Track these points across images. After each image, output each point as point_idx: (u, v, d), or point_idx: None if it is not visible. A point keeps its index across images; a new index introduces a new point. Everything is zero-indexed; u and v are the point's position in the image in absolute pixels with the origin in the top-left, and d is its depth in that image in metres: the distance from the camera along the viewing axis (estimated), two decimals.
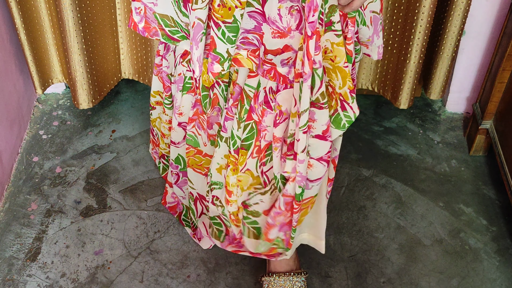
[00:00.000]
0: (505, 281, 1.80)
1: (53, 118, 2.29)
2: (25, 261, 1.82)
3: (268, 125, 1.44)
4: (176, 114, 1.66)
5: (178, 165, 1.78)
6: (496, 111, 2.05)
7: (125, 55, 2.24)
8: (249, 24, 1.32)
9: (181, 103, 1.64)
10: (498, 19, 2.06)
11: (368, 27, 1.37)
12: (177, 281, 1.78)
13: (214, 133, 1.64)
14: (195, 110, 1.61)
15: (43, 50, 2.18)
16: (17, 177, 2.07)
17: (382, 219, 1.96)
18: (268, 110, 1.43)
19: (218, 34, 1.33)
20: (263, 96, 1.42)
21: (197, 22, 1.31)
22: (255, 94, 1.43)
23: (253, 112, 1.45)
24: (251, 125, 1.47)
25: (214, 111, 1.60)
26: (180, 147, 1.74)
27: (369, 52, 1.46)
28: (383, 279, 1.80)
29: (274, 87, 1.40)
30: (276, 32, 1.28)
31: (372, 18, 1.37)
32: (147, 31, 1.46)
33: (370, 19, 1.36)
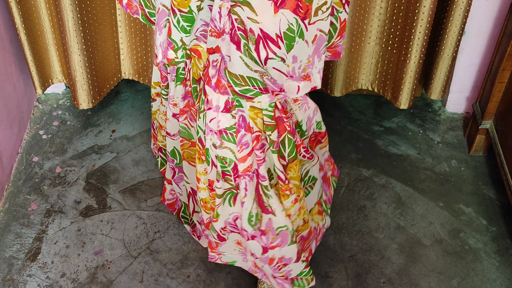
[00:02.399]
0: (505, 281, 1.80)
1: (53, 118, 2.29)
2: (25, 261, 1.82)
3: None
4: (171, 104, 1.66)
5: (174, 159, 1.78)
6: (496, 111, 2.05)
7: (125, 55, 2.24)
8: (208, 17, 1.33)
9: (175, 93, 1.63)
10: (498, 19, 2.06)
11: (307, 44, 1.29)
12: (177, 281, 1.78)
13: None
14: (186, 101, 1.60)
15: (43, 50, 2.18)
16: (17, 177, 2.07)
17: (382, 219, 1.96)
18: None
19: (173, 21, 1.36)
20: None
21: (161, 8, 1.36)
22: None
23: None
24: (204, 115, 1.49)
25: None
26: (175, 139, 1.74)
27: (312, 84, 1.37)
28: (383, 279, 1.80)
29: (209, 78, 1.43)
30: (213, 30, 1.29)
31: (318, 37, 1.29)
32: (129, 8, 1.52)
33: (314, 37, 1.29)
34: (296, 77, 1.32)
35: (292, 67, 1.29)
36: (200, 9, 1.35)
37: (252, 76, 1.31)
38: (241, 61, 1.28)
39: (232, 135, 1.41)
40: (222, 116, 1.40)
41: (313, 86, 1.36)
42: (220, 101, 1.39)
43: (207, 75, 1.38)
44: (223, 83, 1.33)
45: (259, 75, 1.30)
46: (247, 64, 1.28)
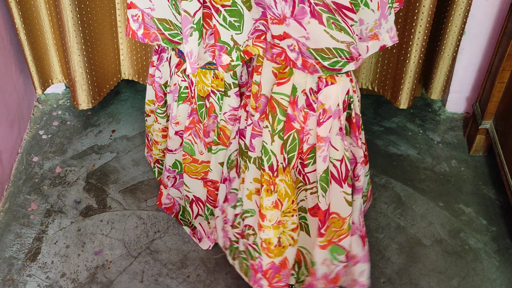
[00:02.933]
0: (505, 281, 1.80)
1: (53, 118, 2.29)
2: (25, 261, 1.82)
3: (311, 128, 1.38)
4: (173, 123, 1.66)
5: (176, 169, 1.79)
6: (496, 111, 2.05)
7: (125, 55, 2.24)
8: (257, 13, 1.29)
9: (177, 113, 1.64)
10: (498, 19, 2.06)
11: (373, 11, 1.28)
12: (177, 281, 1.78)
13: (211, 140, 1.64)
14: (191, 119, 1.61)
15: (43, 50, 2.18)
16: (17, 177, 2.07)
17: (382, 219, 1.96)
18: (311, 113, 1.37)
19: (219, 20, 1.28)
20: (303, 99, 1.36)
21: (183, 15, 1.27)
22: (291, 101, 1.37)
23: (293, 121, 1.38)
24: (292, 136, 1.40)
25: (210, 120, 1.60)
26: (177, 153, 1.75)
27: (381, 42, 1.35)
28: (383, 279, 1.80)
29: (314, 87, 1.35)
30: (273, 18, 1.26)
31: (380, 3, 1.28)
32: (147, 37, 1.43)
33: (377, 3, 1.27)
34: (364, 38, 1.31)
35: (360, 29, 1.28)
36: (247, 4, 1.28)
37: (338, 47, 1.27)
38: (326, 34, 1.24)
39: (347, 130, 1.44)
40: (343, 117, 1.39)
41: (382, 45, 1.33)
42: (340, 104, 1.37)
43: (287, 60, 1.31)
44: (310, 62, 1.28)
45: (345, 45, 1.27)
46: (333, 36, 1.25)
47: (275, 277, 1.55)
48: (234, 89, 1.55)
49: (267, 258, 1.52)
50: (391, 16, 1.32)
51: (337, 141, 1.39)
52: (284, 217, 1.48)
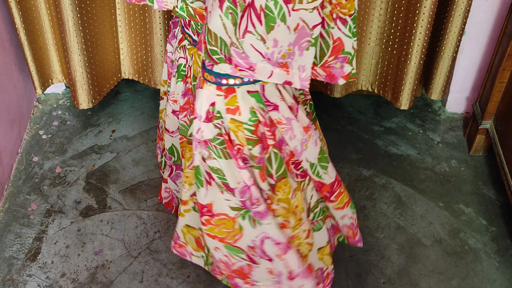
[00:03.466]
0: (505, 281, 1.80)
1: (53, 118, 2.29)
2: (25, 261, 1.82)
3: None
4: (171, 100, 1.64)
5: (172, 156, 1.75)
6: (496, 111, 2.05)
7: (125, 55, 2.24)
8: None
9: (175, 89, 1.61)
10: (498, 19, 2.06)
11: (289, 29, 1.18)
12: (177, 281, 1.78)
13: None
14: (186, 99, 1.57)
15: (43, 50, 2.18)
16: (17, 177, 2.07)
17: (382, 219, 1.96)
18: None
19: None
20: None
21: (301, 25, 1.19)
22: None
23: None
24: None
25: None
26: (174, 136, 1.71)
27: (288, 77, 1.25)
28: (383, 279, 1.80)
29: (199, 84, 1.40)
30: None
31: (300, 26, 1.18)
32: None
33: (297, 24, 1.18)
34: (273, 62, 1.22)
35: (272, 50, 1.20)
36: None
37: (223, 39, 1.21)
38: (220, 20, 1.20)
39: (216, 148, 1.35)
40: (205, 126, 1.34)
41: (287, 80, 1.24)
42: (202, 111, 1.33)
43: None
44: (201, 39, 1.25)
45: (230, 42, 1.21)
46: (225, 25, 1.19)
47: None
48: None
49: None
50: (308, 52, 1.21)
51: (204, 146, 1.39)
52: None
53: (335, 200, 1.58)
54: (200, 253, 1.63)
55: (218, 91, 1.32)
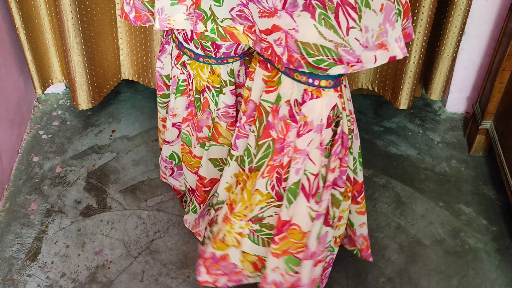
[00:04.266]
0: (505, 281, 1.80)
1: (53, 118, 2.29)
2: (25, 261, 1.82)
3: (292, 141, 1.36)
4: (170, 115, 1.67)
5: (173, 160, 1.80)
6: (496, 111, 2.05)
7: (125, 56, 2.24)
8: None
9: (175, 105, 1.65)
10: (498, 19, 2.06)
11: (375, 12, 1.23)
12: (177, 281, 1.78)
13: (204, 136, 1.64)
14: (189, 110, 1.62)
15: (43, 50, 2.18)
16: (17, 177, 2.07)
17: (382, 219, 1.96)
18: (293, 125, 1.35)
19: None
20: (286, 110, 1.35)
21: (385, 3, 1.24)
22: (274, 109, 1.36)
23: (271, 129, 1.37)
24: (267, 144, 1.39)
25: (204, 115, 1.60)
26: (174, 145, 1.76)
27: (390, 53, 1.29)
28: (383, 279, 1.80)
29: (299, 99, 1.33)
30: (262, 11, 1.25)
31: (384, 5, 1.23)
32: (139, 19, 1.46)
33: (381, 4, 1.23)
34: (371, 47, 1.25)
35: (365, 37, 1.23)
36: None
37: (325, 46, 1.24)
38: (315, 29, 1.22)
39: (327, 150, 1.36)
40: (325, 133, 1.34)
41: (391, 56, 1.27)
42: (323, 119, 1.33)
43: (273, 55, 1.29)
44: (295, 57, 1.25)
45: (333, 45, 1.23)
46: (321, 32, 1.22)
47: (214, 266, 1.58)
48: (229, 87, 1.55)
49: (211, 248, 1.56)
50: (398, 23, 1.26)
51: (315, 155, 1.36)
52: (233, 218, 1.50)
53: (360, 202, 1.59)
54: (256, 273, 1.61)
55: (337, 93, 1.33)
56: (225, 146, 1.64)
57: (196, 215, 1.81)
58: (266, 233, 1.50)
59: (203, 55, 1.50)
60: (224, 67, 1.52)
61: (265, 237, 1.51)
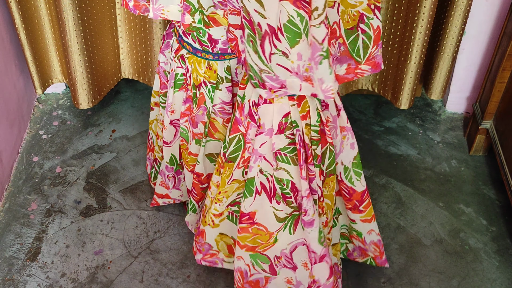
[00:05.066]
0: (505, 281, 1.80)
1: (53, 118, 2.29)
2: (25, 261, 1.82)
3: (252, 139, 1.42)
4: (168, 111, 1.68)
5: (173, 166, 1.80)
6: (496, 111, 2.05)
7: (125, 55, 2.24)
8: None
9: (173, 100, 1.65)
10: (498, 19, 2.06)
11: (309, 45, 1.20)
12: (177, 281, 1.78)
13: (199, 132, 1.64)
14: (187, 105, 1.62)
15: (43, 50, 2.18)
16: (17, 177, 2.07)
17: (382, 219, 1.96)
18: (252, 123, 1.40)
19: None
20: (247, 108, 1.40)
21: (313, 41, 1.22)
22: (240, 106, 1.42)
23: (239, 124, 1.43)
24: (238, 137, 1.45)
25: (200, 110, 1.60)
26: (171, 146, 1.75)
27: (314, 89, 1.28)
28: (383, 279, 1.80)
29: (256, 100, 1.38)
30: (232, 9, 1.29)
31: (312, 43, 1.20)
32: (137, 8, 1.50)
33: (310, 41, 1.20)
34: (300, 75, 1.26)
35: (297, 64, 1.23)
36: None
37: (252, 66, 1.27)
38: (246, 47, 1.26)
39: (286, 156, 1.38)
40: (276, 138, 1.37)
41: (313, 93, 1.28)
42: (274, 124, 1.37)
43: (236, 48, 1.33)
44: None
45: (258, 69, 1.26)
46: (249, 52, 1.25)
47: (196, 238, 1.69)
48: (226, 83, 1.56)
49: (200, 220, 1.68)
50: (322, 65, 1.22)
51: (271, 158, 1.40)
52: (208, 200, 1.59)
53: (363, 210, 1.59)
54: (232, 259, 1.69)
55: (291, 102, 1.35)
56: (222, 142, 1.65)
57: (196, 214, 1.81)
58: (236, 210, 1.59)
59: (200, 50, 1.52)
60: (221, 63, 1.53)
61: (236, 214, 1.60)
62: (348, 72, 1.30)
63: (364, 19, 1.25)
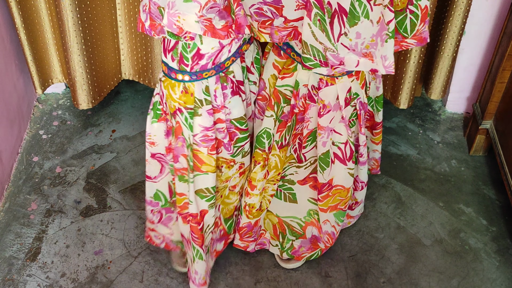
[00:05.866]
0: (505, 281, 1.80)
1: (53, 118, 2.29)
2: (25, 261, 1.82)
3: (312, 116, 1.52)
4: (147, 143, 1.53)
5: (158, 201, 1.65)
6: (496, 111, 2.05)
7: (125, 55, 2.24)
8: None
9: (151, 131, 1.50)
10: (498, 19, 2.06)
11: (372, 23, 1.28)
12: (177, 281, 1.78)
13: (181, 166, 1.50)
14: (169, 139, 1.49)
15: (43, 50, 2.18)
16: (17, 177, 2.07)
17: (382, 219, 1.96)
18: (311, 104, 1.50)
19: None
20: (305, 91, 1.49)
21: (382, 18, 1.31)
22: (294, 93, 1.50)
23: (294, 108, 1.53)
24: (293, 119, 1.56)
25: (178, 142, 1.46)
26: (157, 181, 1.60)
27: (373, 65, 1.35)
28: (383, 279, 1.80)
29: (316, 85, 1.47)
30: (300, 4, 1.30)
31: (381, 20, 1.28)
32: (153, 29, 1.34)
33: (379, 17, 1.28)
34: (358, 52, 1.32)
35: (355, 42, 1.31)
36: None
37: (315, 46, 1.31)
38: (308, 28, 1.28)
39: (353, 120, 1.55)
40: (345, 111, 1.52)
41: (373, 68, 1.35)
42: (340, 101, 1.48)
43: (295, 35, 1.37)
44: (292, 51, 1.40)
45: (322, 48, 1.31)
46: (314, 33, 1.29)
47: (247, 234, 1.75)
48: (206, 106, 1.41)
49: (246, 219, 1.70)
50: (388, 44, 1.30)
51: (341, 128, 1.54)
52: (267, 184, 1.66)
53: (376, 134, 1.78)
54: (275, 242, 1.80)
55: (350, 78, 1.47)
56: (210, 174, 1.51)
57: (204, 261, 1.64)
58: (288, 187, 1.72)
59: (176, 70, 1.38)
60: (198, 84, 1.39)
61: (287, 192, 1.73)
62: (395, 44, 1.38)
63: (412, 1, 1.31)
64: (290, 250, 1.78)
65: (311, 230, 1.76)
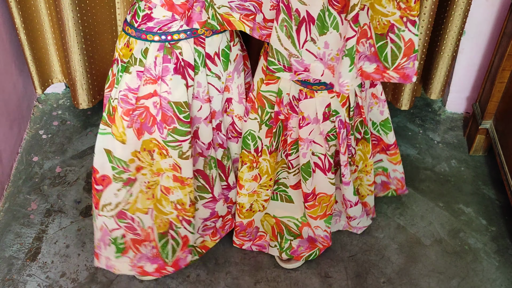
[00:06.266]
0: (504, 281, 1.80)
1: (53, 118, 2.29)
2: (25, 261, 1.82)
3: (294, 126, 1.57)
4: None
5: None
6: (496, 111, 2.05)
7: None
8: None
9: None
10: (498, 19, 2.06)
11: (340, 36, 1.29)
12: (177, 281, 1.78)
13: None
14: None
15: (43, 50, 2.18)
16: (17, 177, 2.07)
17: (382, 219, 1.96)
18: (293, 114, 1.54)
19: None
20: (288, 98, 1.52)
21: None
22: (277, 101, 1.53)
23: (279, 115, 1.57)
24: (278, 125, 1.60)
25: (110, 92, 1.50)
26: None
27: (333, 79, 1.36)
28: (383, 279, 1.80)
29: (296, 95, 1.50)
30: (274, 5, 1.31)
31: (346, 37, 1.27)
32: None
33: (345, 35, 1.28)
34: (324, 62, 1.34)
35: (323, 51, 1.32)
36: None
37: (280, 51, 1.33)
38: (275, 33, 1.31)
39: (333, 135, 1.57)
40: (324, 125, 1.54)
41: (331, 83, 1.36)
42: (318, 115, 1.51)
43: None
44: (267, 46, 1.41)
45: (287, 54, 1.33)
46: (280, 37, 1.31)
47: (241, 233, 1.80)
48: (138, 67, 1.40)
49: (238, 218, 1.76)
50: (343, 61, 1.28)
51: (320, 140, 1.57)
52: (260, 189, 1.70)
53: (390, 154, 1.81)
54: (274, 242, 1.82)
55: (331, 94, 1.49)
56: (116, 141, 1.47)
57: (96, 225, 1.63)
58: (282, 190, 1.76)
59: (127, 23, 1.40)
60: (140, 43, 1.39)
61: (282, 193, 1.76)
62: (376, 72, 1.36)
63: (394, 30, 1.29)
64: (289, 250, 1.79)
65: (307, 231, 1.78)
